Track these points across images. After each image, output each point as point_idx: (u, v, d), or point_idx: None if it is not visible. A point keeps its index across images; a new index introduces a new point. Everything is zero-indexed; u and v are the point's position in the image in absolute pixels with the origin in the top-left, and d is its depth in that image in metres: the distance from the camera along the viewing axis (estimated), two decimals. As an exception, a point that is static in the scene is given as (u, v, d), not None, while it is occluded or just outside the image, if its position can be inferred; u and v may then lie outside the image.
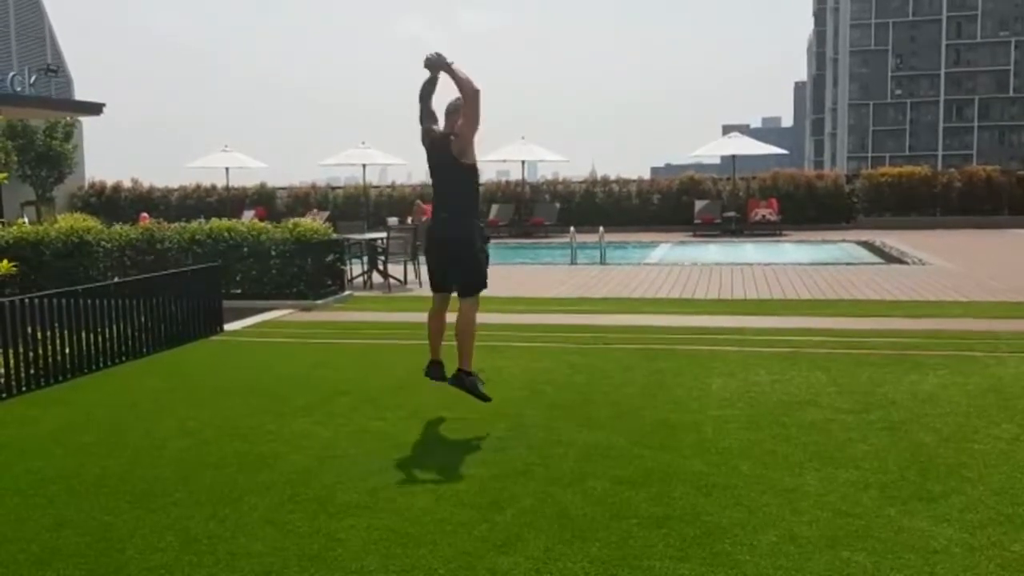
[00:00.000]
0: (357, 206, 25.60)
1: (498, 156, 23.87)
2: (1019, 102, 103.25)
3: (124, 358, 8.00)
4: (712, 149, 24.02)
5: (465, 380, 5.82)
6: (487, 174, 42.68)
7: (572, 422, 5.75)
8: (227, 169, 25.93)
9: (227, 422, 5.90)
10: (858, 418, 5.70)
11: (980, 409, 5.84)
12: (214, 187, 27.90)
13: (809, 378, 6.81)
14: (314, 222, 11.70)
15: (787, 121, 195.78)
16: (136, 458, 5.17)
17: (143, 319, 8.30)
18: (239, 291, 11.36)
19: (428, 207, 23.67)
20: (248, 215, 23.79)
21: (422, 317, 10.28)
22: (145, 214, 21.18)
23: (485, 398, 5.80)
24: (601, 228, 16.89)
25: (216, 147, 25.74)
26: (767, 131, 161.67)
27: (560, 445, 5.25)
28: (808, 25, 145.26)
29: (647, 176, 29.94)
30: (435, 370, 6.08)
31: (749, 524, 4.00)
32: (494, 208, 24.33)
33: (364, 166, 24.65)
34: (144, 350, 8.26)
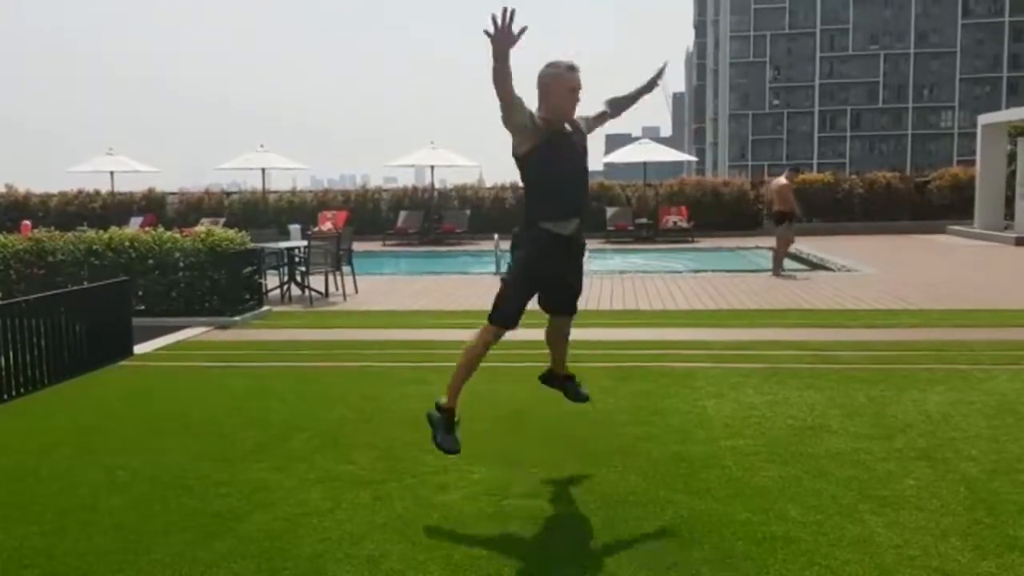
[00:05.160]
0: (255, 212, 24.24)
1: (408, 161, 23.00)
2: (888, 113, 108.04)
3: (22, 390, 6.86)
4: (624, 156, 23.75)
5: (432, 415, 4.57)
6: (401, 180, 41.03)
7: (572, 459, 5.05)
8: (112, 173, 24.20)
9: (165, 471, 4.94)
10: (884, 446, 5.18)
11: (1005, 433, 5.41)
12: (98, 193, 26.01)
13: (805, 399, 6.29)
14: (227, 231, 10.62)
15: (666, 131, 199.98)
16: (61, 525, 4.19)
17: (43, 343, 7.17)
18: (143, 307, 10.20)
19: (328, 214, 22.56)
20: (136, 222, 22.26)
21: (357, 334, 9.59)
22: (27, 222, 19.43)
23: (446, 449, 4.46)
24: (496, 236, 16.13)
25: (99, 150, 24.00)
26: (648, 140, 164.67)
27: (572, 489, 4.55)
28: (687, 37, 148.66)
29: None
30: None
31: (840, 590, 3.39)
32: (403, 215, 23.42)
33: (263, 170, 23.36)
34: (45, 380, 7.12)
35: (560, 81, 4.36)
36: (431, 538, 3.96)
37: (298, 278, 12.33)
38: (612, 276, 14.60)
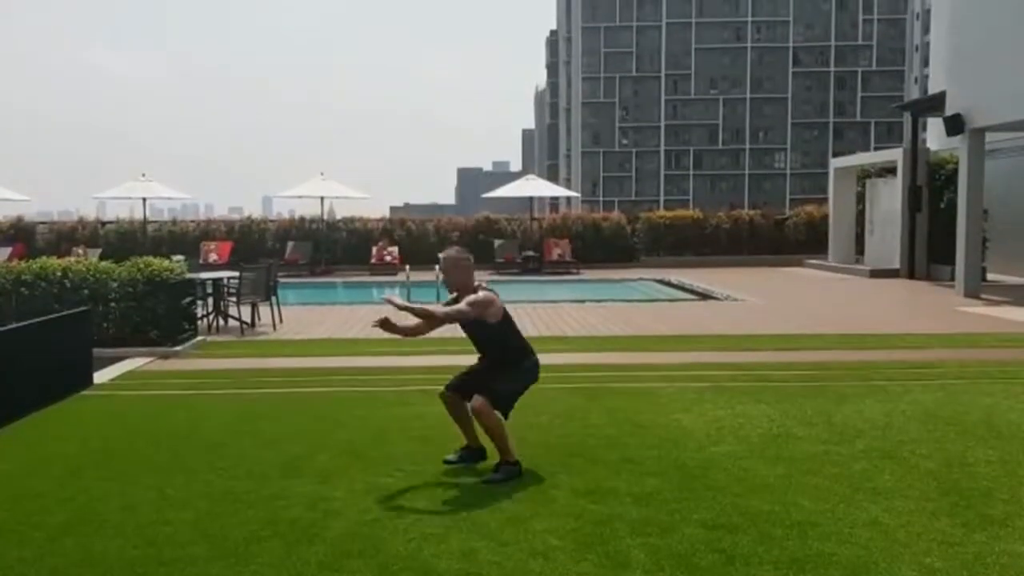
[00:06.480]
0: (133, 243, 23.54)
1: (296, 192, 22.98)
2: (727, 153, 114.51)
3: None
4: (511, 191, 24.54)
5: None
6: (296, 212, 40.48)
7: (592, 468, 5.57)
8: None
9: (211, 488, 5.16)
10: (849, 448, 5.96)
11: (941, 436, 6.29)
12: (-44, 222, 24.67)
13: (761, 411, 7.03)
14: (163, 261, 10.59)
15: (516, 166, 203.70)
16: (148, 538, 4.38)
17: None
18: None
19: (212, 245, 22.15)
20: (3, 253, 21.29)
21: (310, 362, 9.70)
22: None
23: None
24: (407, 267, 16.57)
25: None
26: (499, 175, 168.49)
27: (604, 492, 5.06)
28: (534, 77, 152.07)
29: (387, 215, 29.81)
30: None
31: (877, 561, 4.06)
32: (290, 245, 23.32)
33: (144, 200, 22.79)
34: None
35: None
36: (507, 535, 4.39)
37: (221, 307, 12.32)
38: (521, 305, 15.20)
